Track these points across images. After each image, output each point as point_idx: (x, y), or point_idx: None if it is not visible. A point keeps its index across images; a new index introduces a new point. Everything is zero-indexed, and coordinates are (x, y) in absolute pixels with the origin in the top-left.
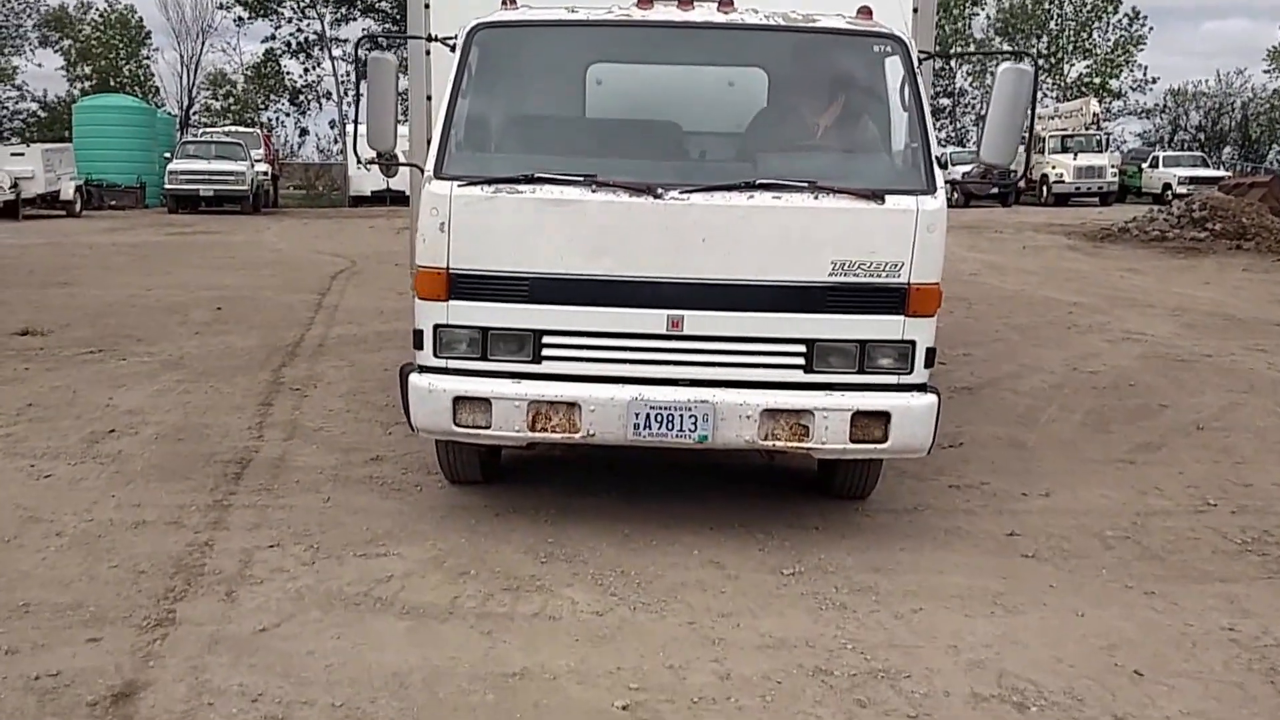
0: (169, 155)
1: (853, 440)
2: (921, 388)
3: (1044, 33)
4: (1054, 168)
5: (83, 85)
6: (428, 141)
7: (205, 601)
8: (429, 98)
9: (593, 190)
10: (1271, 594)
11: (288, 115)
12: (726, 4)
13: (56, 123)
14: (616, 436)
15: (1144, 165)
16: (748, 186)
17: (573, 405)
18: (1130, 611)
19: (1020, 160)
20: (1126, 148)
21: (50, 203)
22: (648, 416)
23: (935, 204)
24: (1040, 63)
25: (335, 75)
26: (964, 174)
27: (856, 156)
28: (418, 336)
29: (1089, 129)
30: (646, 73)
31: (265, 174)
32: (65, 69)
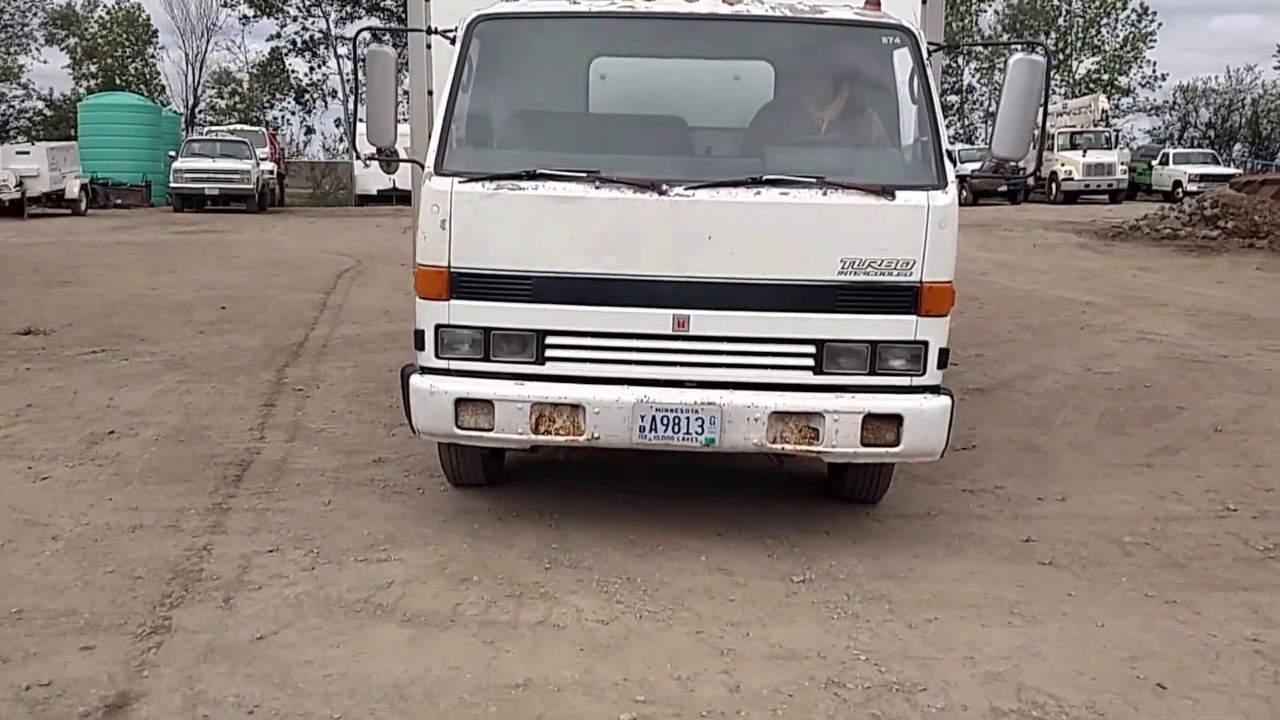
0: (174, 154)
1: (864, 444)
2: (934, 389)
3: (1052, 29)
4: (1063, 165)
5: (88, 83)
6: (429, 137)
7: (202, 608)
8: (430, 93)
9: (596, 187)
10: None
11: (293, 114)
12: None
13: (62, 121)
14: (621, 439)
15: (1154, 162)
16: (754, 183)
17: (577, 407)
18: (1151, 621)
19: (1032, 155)
20: (1136, 145)
21: (56, 201)
22: (653, 419)
23: (946, 199)
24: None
25: (340, 73)
26: (972, 171)
27: (865, 151)
28: (419, 337)
29: (1097, 125)
30: (651, 67)
31: (271, 173)
32: (71, 67)
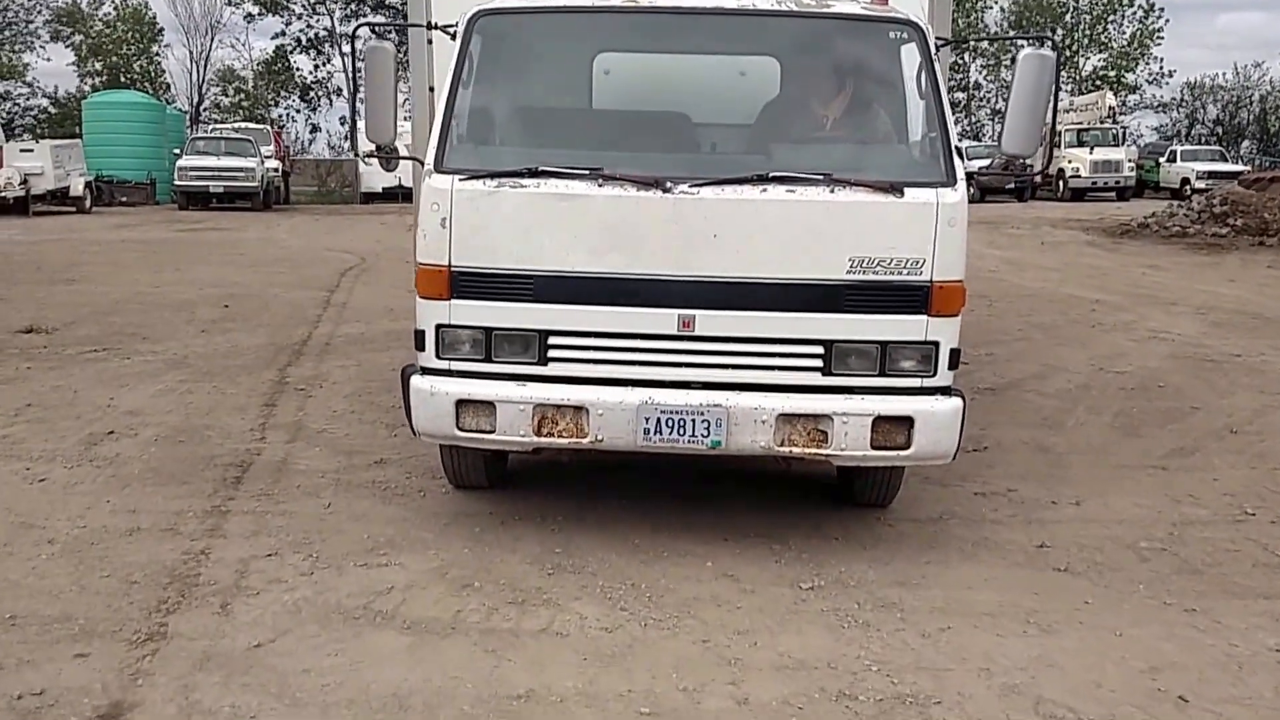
0: (179, 151)
1: (874, 446)
2: (946, 391)
3: (1059, 25)
4: (1070, 162)
5: (93, 81)
6: (429, 134)
7: (199, 614)
8: (431, 89)
9: (599, 184)
10: None
11: (298, 112)
12: None
13: (67, 119)
14: (626, 442)
15: (1161, 160)
16: (760, 179)
17: (580, 409)
18: (1171, 631)
19: (1042, 152)
20: (1143, 142)
21: (60, 199)
22: (658, 421)
23: (956, 196)
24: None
25: (346, 71)
26: (980, 169)
27: (873, 147)
28: (419, 337)
29: (1104, 122)
30: (655, 62)
31: (276, 170)
32: (76, 64)
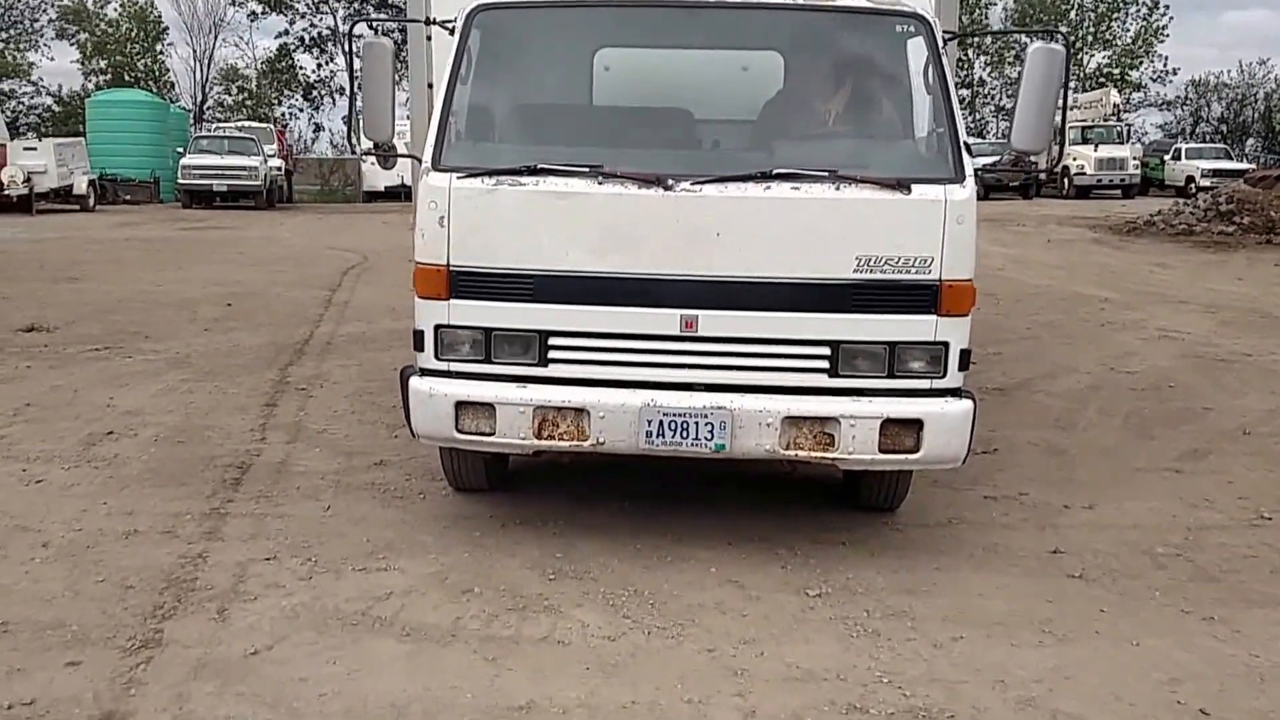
0: (182, 150)
1: (882, 450)
2: (956, 392)
3: (1064, 23)
4: (1075, 159)
5: (98, 80)
6: (427, 131)
7: (194, 620)
8: (430, 86)
9: (599, 182)
10: None
11: (301, 110)
12: None
13: (71, 117)
14: (627, 445)
15: (1166, 157)
16: (764, 176)
17: (581, 411)
18: (1189, 640)
19: (1052, 149)
20: (1147, 139)
21: (64, 197)
22: (661, 424)
23: (965, 193)
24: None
25: (350, 70)
26: (984, 166)
27: (880, 143)
28: (418, 338)
29: (1109, 120)
30: (656, 58)
31: (279, 169)
32: (80, 63)
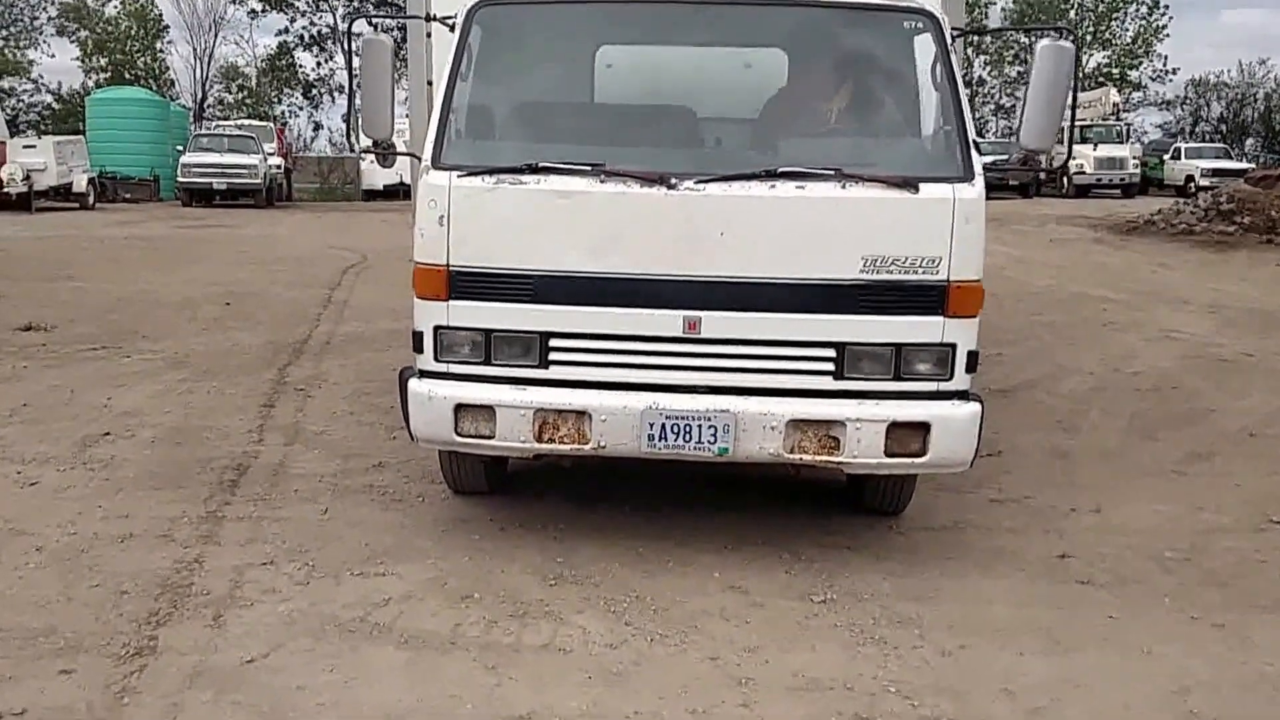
0: (182, 148)
1: (888, 454)
2: (963, 395)
3: (1063, 22)
4: (1074, 159)
5: (98, 77)
6: (427, 129)
7: (190, 627)
8: (429, 83)
9: (601, 180)
10: None
11: (301, 109)
12: None
13: (71, 115)
14: (629, 448)
15: (1166, 157)
16: (769, 175)
17: (582, 414)
18: (1199, 648)
19: (1060, 147)
20: (1147, 139)
21: (63, 195)
22: (663, 427)
23: (974, 192)
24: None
25: (348, 67)
26: (986, 164)
27: (887, 141)
28: (417, 339)
29: (1108, 119)
30: (658, 55)
31: (278, 167)
32: (81, 60)
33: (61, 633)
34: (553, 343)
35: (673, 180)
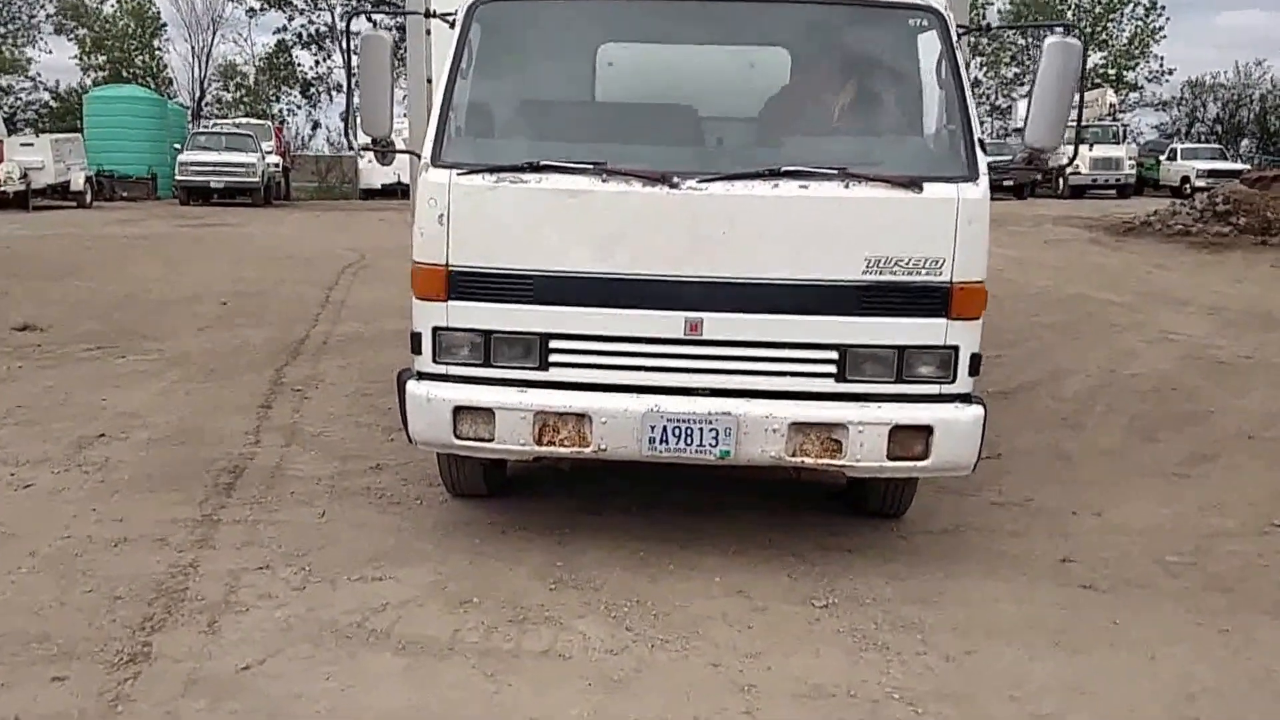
0: (180, 146)
1: (890, 457)
2: (966, 398)
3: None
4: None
5: (96, 75)
6: (426, 127)
7: (185, 633)
8: (429, 80)
9: (603, 179)
10: None
11: (299, 107)
12: None
13: (69, 113)
14: (630, 451)
15: (1161, 157)
16: (772, 174)
17: (582, 417)
18: (1206, 652)
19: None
20: (1143, 139)
21: (61, 194)
22: (664, 429)
23: (978, 192)
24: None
25: (346, 65)
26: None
27: (891, 141)
28: (415, 340)
29: (1104, 120)
30: (660, 53)
31: (276, 166)
32: (79, 58)
33: (55, 639)
34: (553, 344)
35: (675, 179)
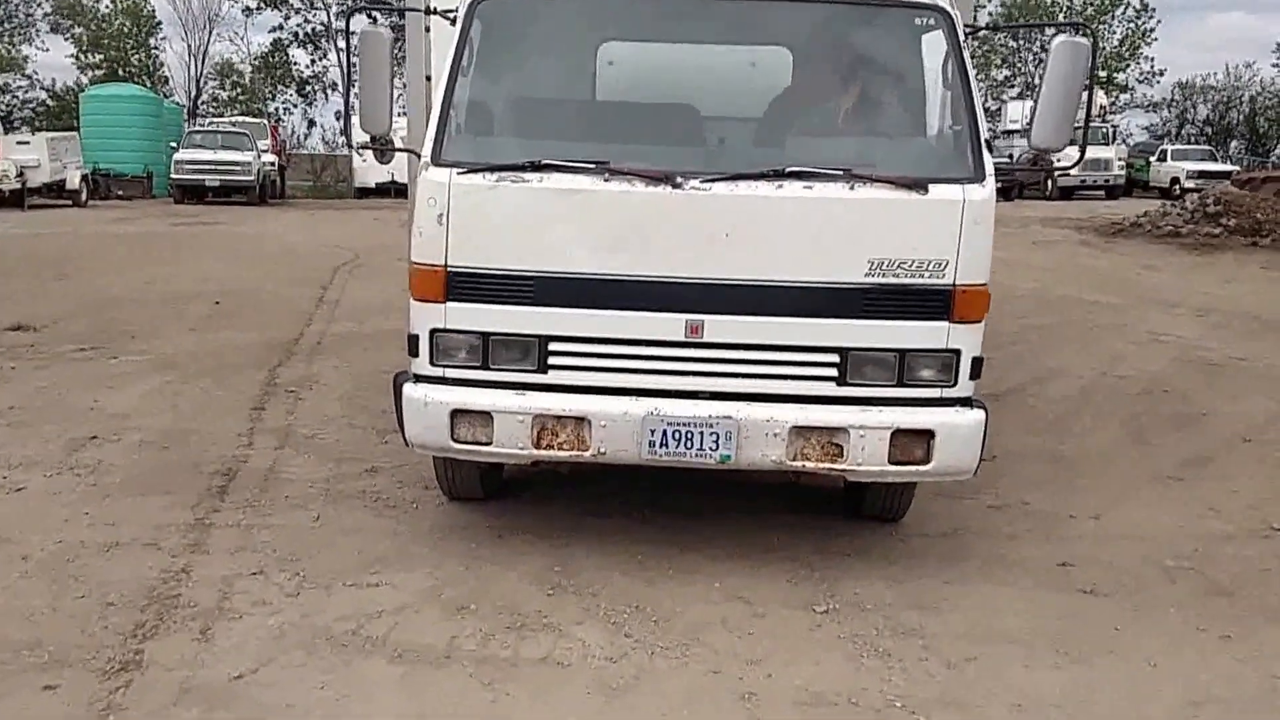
0: (175, 145)
1: (892, 461)
2: (967, 402)
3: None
4: (1059, 160)
5: (92, 74)
6: (426, 126)
7: (177, 640)
8: (428, 78)
9: (605, 179)
10: None
11: (295, 106)
12: None
13: (65, 112)
14: (630, 455)
15: (1151, 159)
16: (775, 175)
17: (582, 420)
18: (1208, 660)
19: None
20: (1133, 141)
21: (57, 192)
22: (664, 433)
23: (984, 193)
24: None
25: (340, 65)
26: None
27: (895, 141)
28: (413, 342)
29: (1092, 121)
30: (662, 52)
31: (272, 164)
32: (75, 57)
33: (46, 646)
34: (552, 346)
35: (679, 179)
